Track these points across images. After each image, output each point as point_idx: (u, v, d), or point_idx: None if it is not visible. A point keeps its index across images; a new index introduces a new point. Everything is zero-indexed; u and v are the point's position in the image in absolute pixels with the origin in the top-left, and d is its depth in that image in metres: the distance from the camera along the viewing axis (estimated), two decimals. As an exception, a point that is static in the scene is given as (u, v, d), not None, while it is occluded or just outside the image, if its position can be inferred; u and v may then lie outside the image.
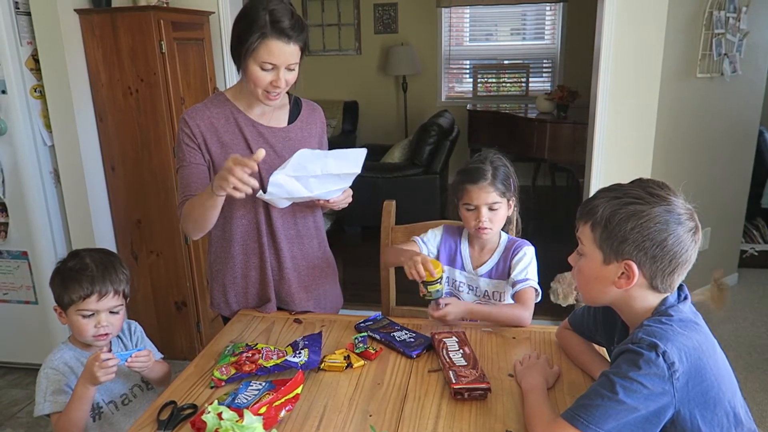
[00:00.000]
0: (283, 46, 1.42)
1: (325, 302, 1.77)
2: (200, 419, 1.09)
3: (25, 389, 2.74)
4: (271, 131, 1.60)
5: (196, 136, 1.55)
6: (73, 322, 1.41)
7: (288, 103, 1.66)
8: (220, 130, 1.56)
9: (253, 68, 1.45)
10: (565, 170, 5.27)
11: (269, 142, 1.58)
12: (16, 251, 2.71)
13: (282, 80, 1.46)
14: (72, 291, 1.38)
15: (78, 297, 1.38)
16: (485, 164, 1.60)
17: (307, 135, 1.65)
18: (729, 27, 3.03)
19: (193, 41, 2.76)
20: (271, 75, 1.46)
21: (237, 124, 1.57)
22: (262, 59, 1.43)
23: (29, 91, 2.59)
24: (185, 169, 1.56)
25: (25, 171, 2.60)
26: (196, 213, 1.50)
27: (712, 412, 1.00)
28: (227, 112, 1.58)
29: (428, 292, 1.44)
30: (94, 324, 1.40)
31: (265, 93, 1.49)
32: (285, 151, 1.59)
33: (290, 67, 1.47)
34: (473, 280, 1.67)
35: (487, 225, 1.58)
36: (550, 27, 5.99)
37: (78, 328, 1.41)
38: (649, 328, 1.02)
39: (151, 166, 2.67)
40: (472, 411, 1.18)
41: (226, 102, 1.59)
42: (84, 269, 1.40)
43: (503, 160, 1.64)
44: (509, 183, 1.61)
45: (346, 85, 6.03)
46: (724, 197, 3.43)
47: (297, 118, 1.65)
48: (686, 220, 1.04)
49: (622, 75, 2.69)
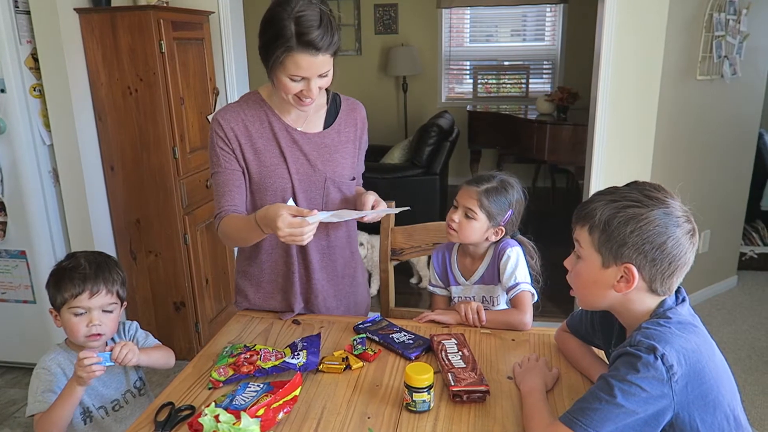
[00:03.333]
0: (311, 59, 1.33)
1: (357, 308, 1.75)
2: (197, 421, 1.08)
3: (23, 389, 2.74)
4: (306, 137, 1.54)
5: (231, 140, 1.49)
6: (65, 321, 1.40)
7: (326, 104, 1.58)
8: (254, 135, 1.51)
9: (282, 78, 1.38)
10: (565, 172, 5.27)
11: (303, 150, 1.53)
12: (14, 250, 2.71)
13: (313, 90, 1.39)
14: (64, 289, 1.37)
15: (70, 295, 1.37)
16: (493, 178, 1.60)
17: (344, 140, 1.59)
18: (729, 29, 3.03)
19: (193, 41, 2.76)
20: (301, 84, 1.39)
21: (271, 128, 1.52)
22: (289, 72, 1.36)
23: (28, 90, 2.58)
24: (220, 176, 1.52)
25: (24, 170, 2.60)
26: (240, 240, 1.50)
27: (712, 415, 1.00)
28: (261, 115, 1.52)
29: (413, 401, 1.18)
30: (86, 323, 1.38)
31: (296, 98, 1.43)
32: (318, 160, 1.54)
33: (322, 75, 1.40)
34: (467, 290, 1.67)
35: (454, 226, 1.58)
36: (550, 28, 6.00)
37: (70, 328, 1.40)
38: (647, 330, 1.02)
39: (150, 166, 2.66)
40: (471, 413, 1.18)
41: (260, 103, 1.53)
42: (77, 267, 1.39)
43: (515, 190, 1.60)
44: (501, 209, 1.57)
45: (346, 85, 5.97)
46: (724, 199, 3.43)
47: (334, 121, 1.59)
48: (684, 223, 1.04)
49: (623, 77, 2.69)
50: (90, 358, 1.29)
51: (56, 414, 1.34)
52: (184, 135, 2.71)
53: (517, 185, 1.62)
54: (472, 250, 1.66)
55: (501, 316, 1.56)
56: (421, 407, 1.18)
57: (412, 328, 1.52)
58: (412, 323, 1.58)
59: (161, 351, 1.52)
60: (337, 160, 1.58)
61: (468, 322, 1.53)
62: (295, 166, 1.53)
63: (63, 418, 1.35)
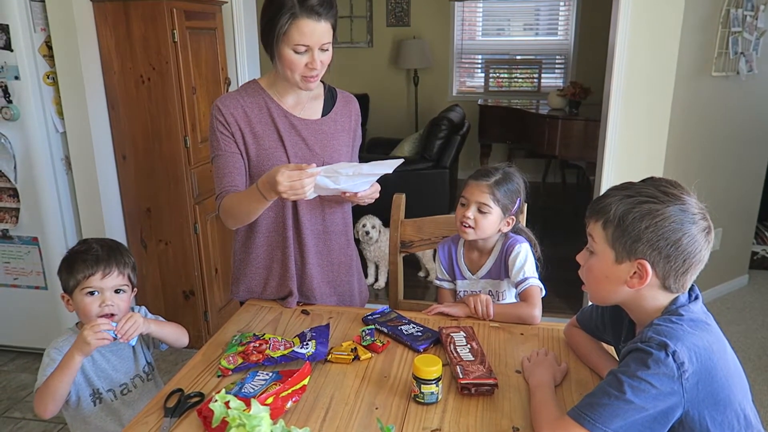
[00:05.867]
0: (314, 24, 1.40)
1: (351, 299, 1.76)
2: (207, 407, 1.09)
3: (33, 374, 2.77)
4: (304, 123, 1.58)
5: (230, 124, 1.53)
6: (78, 303, 1.42)
7: (323, 93, 1.64)
8: (253, 120, 1.55)
9: (287, 52, 1.43)
10: (576, 167, 5.24)
11: (301, 135, 1.57)
12: (26, 237, 2.73)
13: (317, 61, 1.44)
14: (77, 271, 1.40)
15: (83, 276, 1.39)
16: (497, 170, 1.60)
17: (340, 128, 1.63)
18: (746, 25, 2.99)
19: (206, 31, 2.76)
20: (305, 57, 1.44)
21: (270, 114, 1.56)
22: (294, 41, 1.41)
23: (42, 77, 2.60)
24: (220, 159, 1.55)
25: (36, 157, 2.61)
26: (241, 213, 1.50)
27: (722, 413, 0.99)
28: (260, 102, 1.56)
29: (421, 393, 1.18)
30: (98, 303, 1.40)
31: (303, 78, 1.47)
32: (317, 145, 1.58)
33: (324, 47, 1.44)
34: (474, 284, 1.67)
35: (470, 223, 1.58)
36: (563, 23, 5.94)
37: (83, 309, 1.41)
38: (658, 327, 1.01)
39: (162, 155, 2.67)
40: (479, 406, 1.18)
41: (259, 91, 1.58)
42: (89, 250, 1.42)
43: (518, 178, 1.62)
44: (512, 199, 1.59)
45: (357, 77, 6.01)
46: (737, 198, 3.40)
47: (331, 110, 1.63)
48: (700, 220, 1.03)
49: (636, 72, 2.66)
50: (105, 324, 1.34)
51: (53, 384, 1.35)
52: (196, 124, 2.72)
53: (517, 172, 1.64)
54: (481, 244, 1.66)
55: (510, 309, 1.56)
56: (429, 399, 1.18)
57: (420, 321, 1.53)
58: (421, 315, 1.58)
59: (174, 326, 1.54)
60: (335, 146, 1.61)
61: (477, 314, 1.53)
62: (293, 150, 1.56)
63: (60, 389, 1.36)
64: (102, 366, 1.46)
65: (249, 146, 1.55)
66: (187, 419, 1.16)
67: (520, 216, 1.69)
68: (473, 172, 1.65)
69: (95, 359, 1.45)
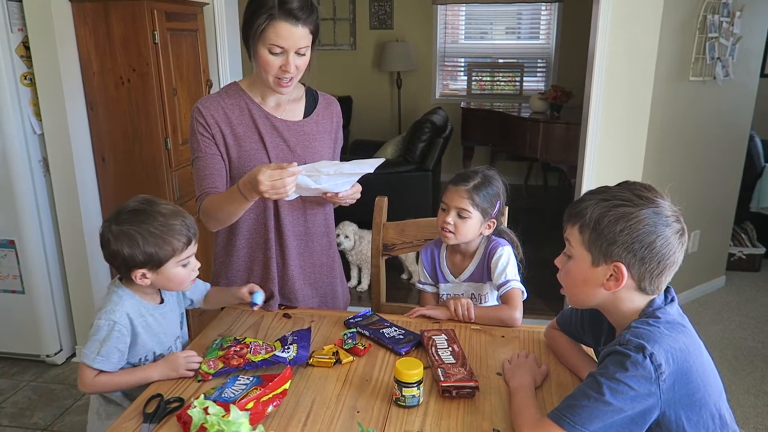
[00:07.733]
0: (291, 28, 1.40)
1: (334, 301, 1.75)
2: (186, 413, 1.08)
3: (10, 379, 2.72)
4: (285, 124, 1.58)
5: (211, 126, 1.53)
6: (171, 275, 1.34)
7: (304, 96, 1.64)
8: (234, 121, 1.54)
9: (262, 52, 1.43)
10: (558, 170, 5.29)
11: (282, 136, 1.57)
12: (3, 240, 2.68)
13: (291, 65, 1.44)
14: (169, 243, 1.30)
15: (181, 246, 1.32)
16: (477, 174, 1.61)
17: (321, 129, 1.63)
18: (722, 31, 3.05)
19: (187, 32, 2.74)
20: (280, 59, 1.44)
21: (251, 115, 1.55)
22: (270, 41, 1.41)
23: (19, 78, 2.56)
24: (200, 161, 1.54)
25: (13, 159, 2.57)
26: (222, 214, 1.49)
27: (698, 414, 1.01)
28: (241, 103, 1.56)
29: (402, 396, 1.18)
30: (190, 271, 1.37)
31: (276, 80, 1.47)
32: (298, 146, 1.57)
33: (300, 52, 1.45)
34: (457, 287, 1.68)
35: (450, 228, 1.58)
36: (545, 27, 6.00)
37: (178, 278, 1.35)
38: (636, 329, 1.02)
39: (142, 157, 2.64)
40: (460, 409, 1.18)
41: (240, 92, 1.57)
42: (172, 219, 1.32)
43: (498, 181, 1.62)
44: (491, 202, 1.59)
45: (340, 80, 6.00)
46: (714, 200, 3.46)
47: (313, 112, 1.63)
48: (673, 222, 1.05)
49: (616, 76, 2.69)
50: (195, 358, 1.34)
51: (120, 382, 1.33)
52: (177, 126, 2.69)
53: (497, 175, 1.64)
54: (463, 247, 1.66)
55: (492, 311, 1.57)
56: (410, 402, 1.18)
57: (402, 324, 1.53)
58: (403, 318, 1.58)
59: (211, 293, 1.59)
60: (316, 147, 1.61)
61: (458, 317, 1.53)
62: (274, 152, 1.56)
63: (122, 387, 1.35)
64: (155, 330, 1.39)
65: (230, 148, 1.54)
66: (166, 425, 1.15)
67: (502, 218, 1.70)
68: (453, 176, 1.65)
69: (149, 323, 1.38)
